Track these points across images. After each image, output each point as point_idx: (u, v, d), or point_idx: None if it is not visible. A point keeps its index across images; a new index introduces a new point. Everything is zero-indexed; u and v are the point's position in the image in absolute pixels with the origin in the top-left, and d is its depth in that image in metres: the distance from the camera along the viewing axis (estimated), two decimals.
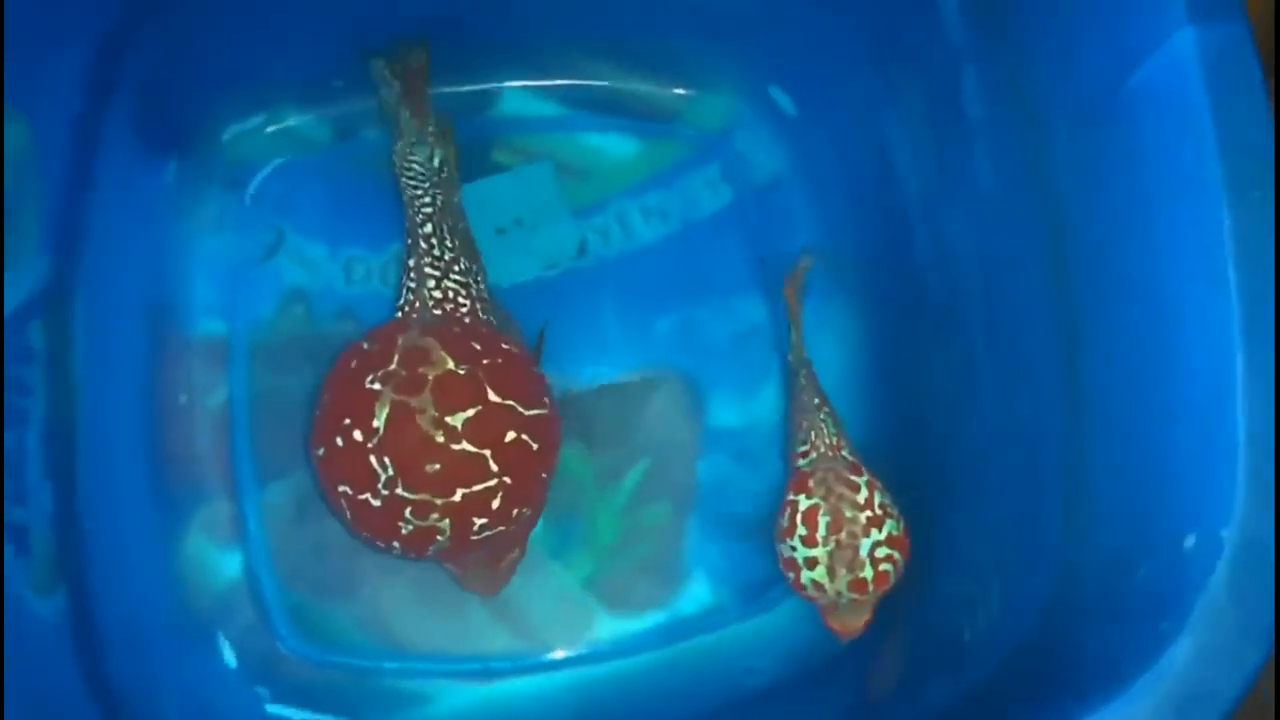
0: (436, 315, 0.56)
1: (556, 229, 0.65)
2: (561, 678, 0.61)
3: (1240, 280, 0.37)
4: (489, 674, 0.61)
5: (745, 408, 0.64)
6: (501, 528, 0.54)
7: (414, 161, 0.60)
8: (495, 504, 0.53)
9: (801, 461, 0.57)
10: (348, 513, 0.54)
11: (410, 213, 0.59)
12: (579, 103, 0.67)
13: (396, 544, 0.54)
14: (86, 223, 0.56)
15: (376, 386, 0.52)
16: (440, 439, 0.52)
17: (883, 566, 0.53)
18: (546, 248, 0.65)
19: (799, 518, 0.54)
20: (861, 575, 0.53)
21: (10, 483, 0.49)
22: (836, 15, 0.60)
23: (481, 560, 0.57)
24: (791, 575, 0.55)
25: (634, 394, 0.64)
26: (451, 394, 0.52)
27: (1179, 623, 0.35)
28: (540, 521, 0.61)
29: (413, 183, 0.60)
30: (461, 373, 0.53)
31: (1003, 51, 0.50)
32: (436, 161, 0.61)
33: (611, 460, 0.63)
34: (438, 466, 0.52)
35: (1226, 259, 0.37)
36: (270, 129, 0.65)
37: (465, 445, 0.52)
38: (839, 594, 0.53)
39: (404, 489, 0.52)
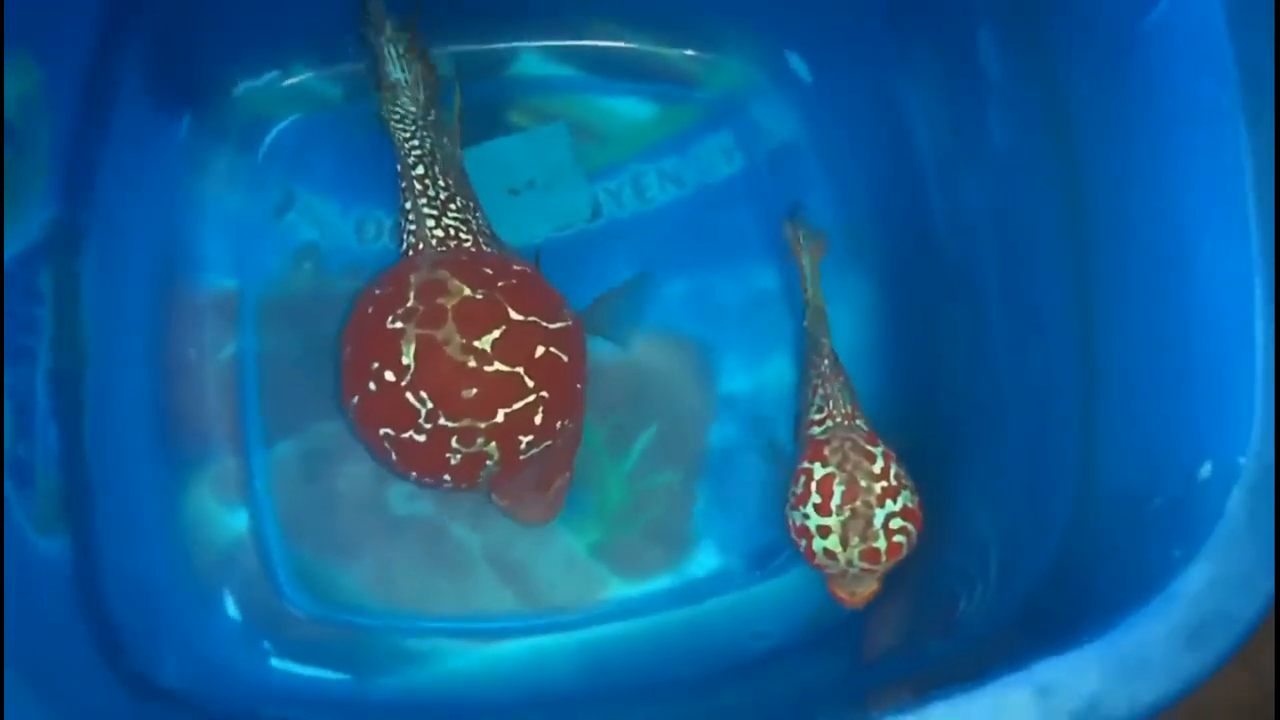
0: (443, 251, 0.56)
1: (570, 191, 0.65)
2: (567, 640, 0.61)
3: (1259, 206, 0.36)
4: (494, 635, 0.61)
5: (756, 374, 0.63)
6: (548, 442, 0.54)
7: (400, 104, 0.60)
8: (538, 419, 0.53)
9: (816, 429, 0.57)
10: (393, 454, 0.53)
11: (401, 154, 0.59)
12: (595, 65, 0.66)
13: (447, 476, 0.54)
14: (98, 171, 0.56)
15: (399, 325, 0.52)
16: (472, 364, 0.52)
17: (896, 538, 0.52)
18: (559, 209, 0.65)
19: (814, 486, 0.53)
20: (875, 545, 0.52)
21: (15, 418, 0.49)
22: None
23: (531, 486, 0.57)
24: (803, 543, 0.54)
25: (644, 359, 0.63)
26: (474, 319, 0.52)
27: (1193, 549, 0.34)
28: None
29: (400, 125, 0.60)
30: (479, 297, 0.53)
31: (1019, 3, 0.50)
32: (422, 101, 0.60)
33: (621, 425, 0.62)
34: (475, 391, 0.52)
35: (1245, 185, 0.36)
36: (284, 84, 0.65)
37: (498, 366, 0.52)
38: (850, 563, 0.53)
39: (446, 419, 0.52)
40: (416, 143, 0.59)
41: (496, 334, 0.52)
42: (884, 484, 0.52)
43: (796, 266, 0.62)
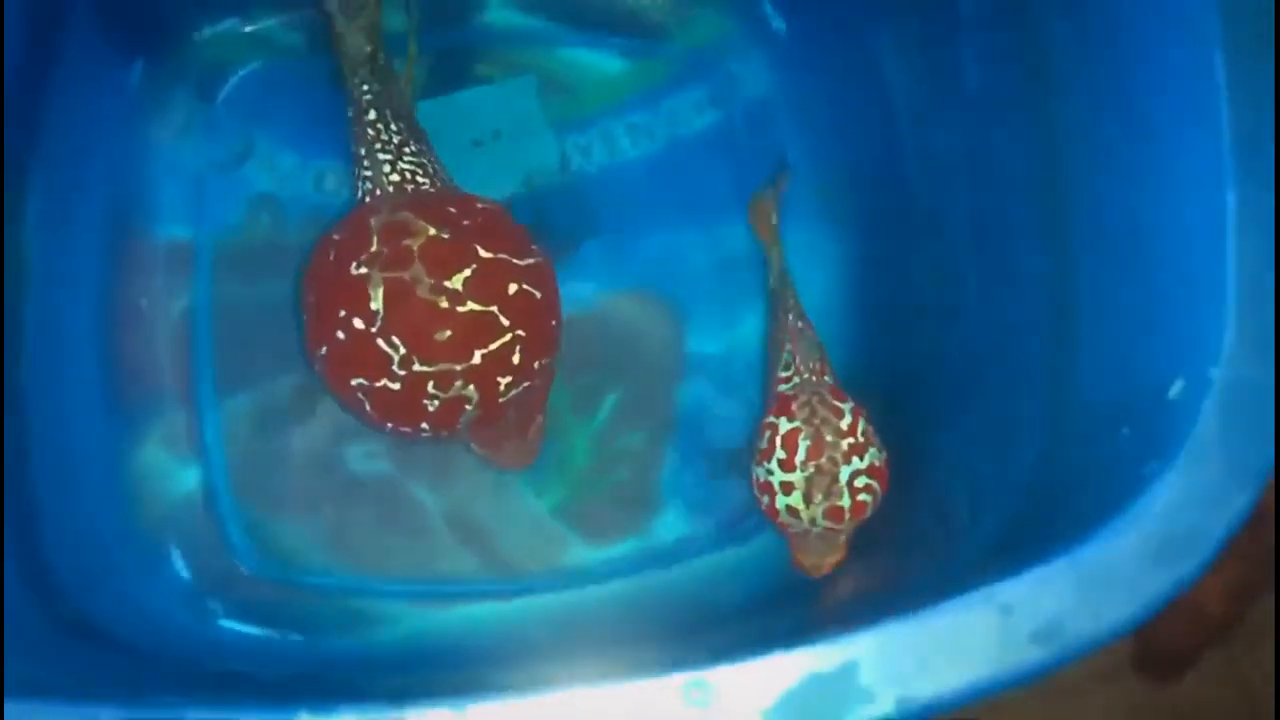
0: (394, 193, 0.54)
1: (536, 143, 0.64)
2: (528, 604, 0.59)
3: (1232, 112, 0.35)
4: (453, 598, 0.59)
5: (726, 335, 0.62)
6: (527, 383, 0.53)
7: (349, 49, 0.58)
8: (515, 359, 0.51)
9: (784, 386, 0.55)
10: (367, 404, 0.52)
11: (353, 99, 0.57)
12: (566, 17, 0.65)
13: (425, 425, 0.52)
14: (43, 114, 0.55)
15: (363, 271, 0.50)
16: (444, 305, 0.50)
17: (861, 496, 0.50)
18: (526, 162, 0.63)
19: (779, 440, 0.51)
20: (839, 504, 0.50)
21: None
22: None
23: (510, 433, 0.55)
24: (766, 499, 0.52)
25: (613, 317, 0.61)
26: (442, 259, 0.50)
27: (1164, 464, 0.33)
28: None
29: (350, 70, 0.58)
30: (446, 236, 0.51)
31: None
32: (371, 48, 0.58)
33: (587, 384, 0.61)
34: (449, 333, 0.50)
35: (1219, 94, 0.35)
36: (244, 31, 0.63)
37: (471, 305, 0.50)
38: (813, 521, 0.51)
39: (421, 364, 0.50)
40: (367, 87, 0.57)
41: (467, 273, 0.50)
42: (850, 440, 0.51)
43: (760, 222, 0.60)
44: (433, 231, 0.51)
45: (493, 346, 0.51)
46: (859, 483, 0.50)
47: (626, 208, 0.63)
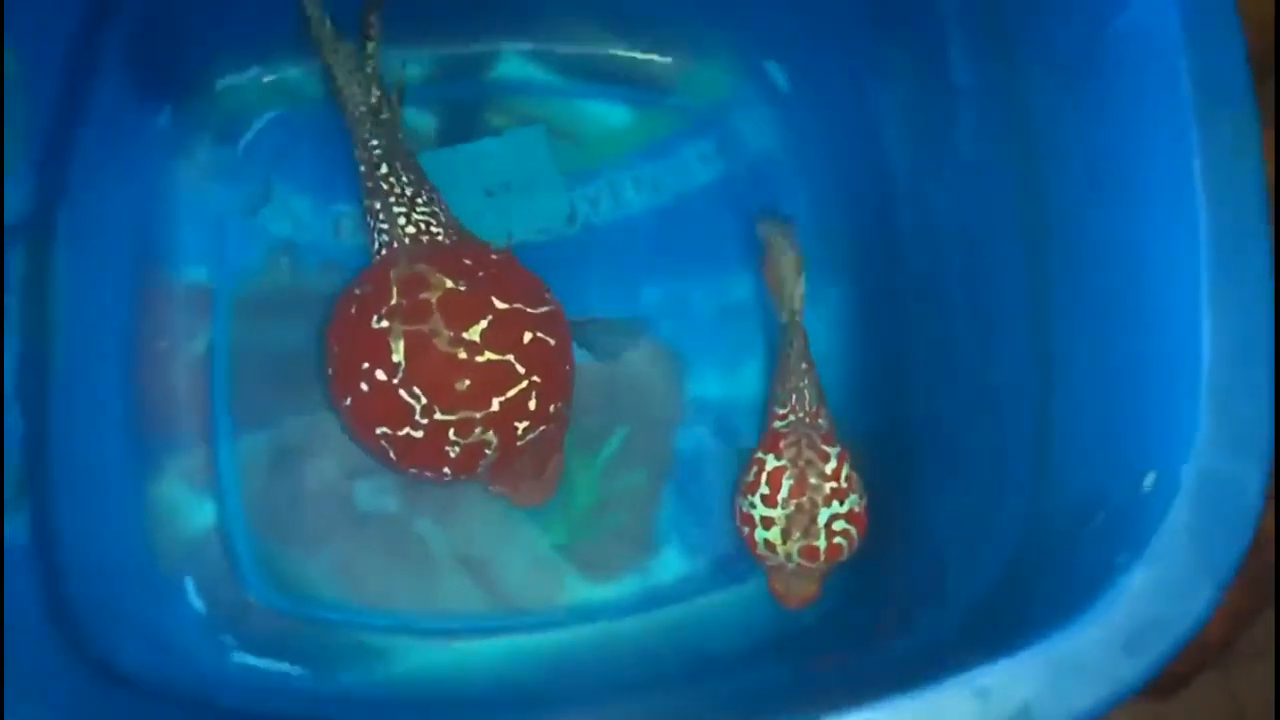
0: (417, 246, 0.56)
1: (546, 195, 0.65)
2: (530, 640, 0.61)
3: (1211, 220, 0.37)
4: (457, 634, 0.61)
5: (727, 382, 0.64)
6: (543, 426, 0.55)
7: (354, 105, 0.60)
8: (532, 404, 0.54)
9: (779, 423, 0.57)
10: (391, 452, 0.54)
11: (363, 154, 0.59)
12: (575, 69, 0.67)
13: (447, 469, 0.54)
14: (73, 158, 0.57)
15: (384, 324, 0.53)
16: (462, 356, 0.52)
17: (837, 540, 0.53)
18: (535, 213, 0.65)
19: (764, 476, 0.54)
20: (815, 544, 0.53)
21: None
22: None
23: (526, 473, 0.57)
24: (746, 530, 0.55)
25: (618, 362, 0.63)
26: (459, 311, 0.53)
27: (1134, 555, 0.35)
28: None
29: (354, 123, 0.60)
30: (462, 289, 0.53)
31: (991, 14, 0.50)
32: (374, 101, 0.60)
33: (592, 426, 0.63)
34: (468, 383, 0.52)
35: (1195, 187, 0.37)
36: (267, 80, 0.65)
37: (488, 355, 0.52)
38: (789, 557, 0.54)
39: (441, 413, 0.52)
40: (376, 142, 0.59)
41: (484, 324, 0.53)
42: (833, 485, 0.53)
43: (766, 263, 0.62)
44: (450, 284, 0.53)
45: (510, 394, 0.53)
46: (837, 525, 0.53)
47: (632, 257, 0.65)
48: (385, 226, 0.57)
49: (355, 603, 0.60)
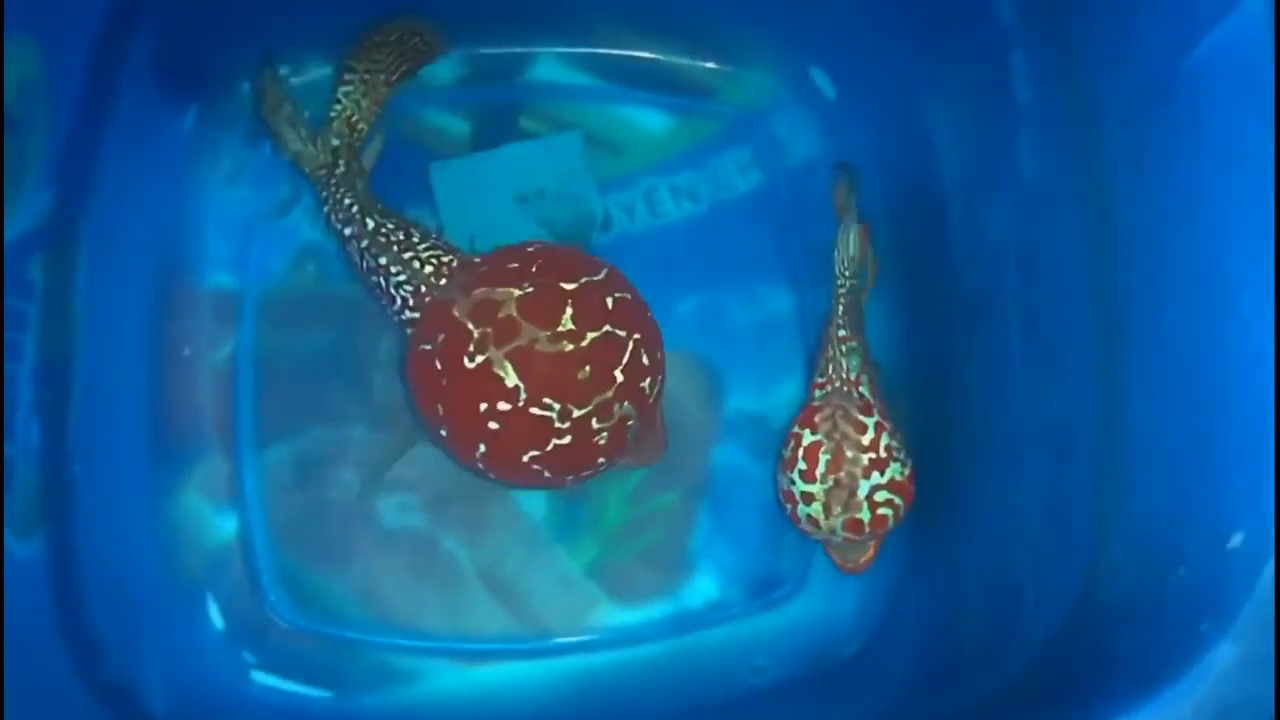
0: (446, 283, 0.55)
1: (581, 202, 0.64)
2: (558, 664, 0.59)
3: None
4: (483, 656, 0.59)
5: (764, 398, 0.62)
6: (660, 375, 0.54)
7: (318, 172, 0.59)
8: (645, 360, 0.53)
9: (817, 393, 0.56)
10: (546, 471, 0.53)
11: (345, 216, 0.58)
12: (613, 74, 0.65)
13: (602, 459, 0.54)
14: (97, 161, 0.55)
15: (481, 359, 0.51)
16: (569, 348, 0.51)
17: (881, 510, 0.52)
18: (569, 220, 0.63)
19: (800, 452, 0.54)
20: (858, 516, 0.52)
21: None
22: None
23: (641, 433, 0.56)
24: (789, 507, 0.54)
25: None
26: (540, 310, 0.51)
27: (1222, 625, 0.33)
28: (544, 504, 0.60)
29: (334, 192, 0.59)
30: (530, 290, 0.52)
31: (1055, 32, 0.48)
32: (329, 158, 0.59)
33: None
34: (587, 369, 0.51)
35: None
36: (294, 80, 0.63)
37: (589, 335, 0.51)
38: (833, 531, 0.53)
39: (579, 409, 0.51)
40: (350, 199, 0.58)
41: (569, 310, 0.52)
42: (871, 455, 0.52)
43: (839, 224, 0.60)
44: (517, 292, 0.52)
45: (625, 360, 0.52)
46: (879, 497, 0.52)
47: (667, 267, 0.63)
48: (404, 277, 0.55)
49: (379, 622, 0.59)
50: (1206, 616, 0.33)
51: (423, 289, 0.55)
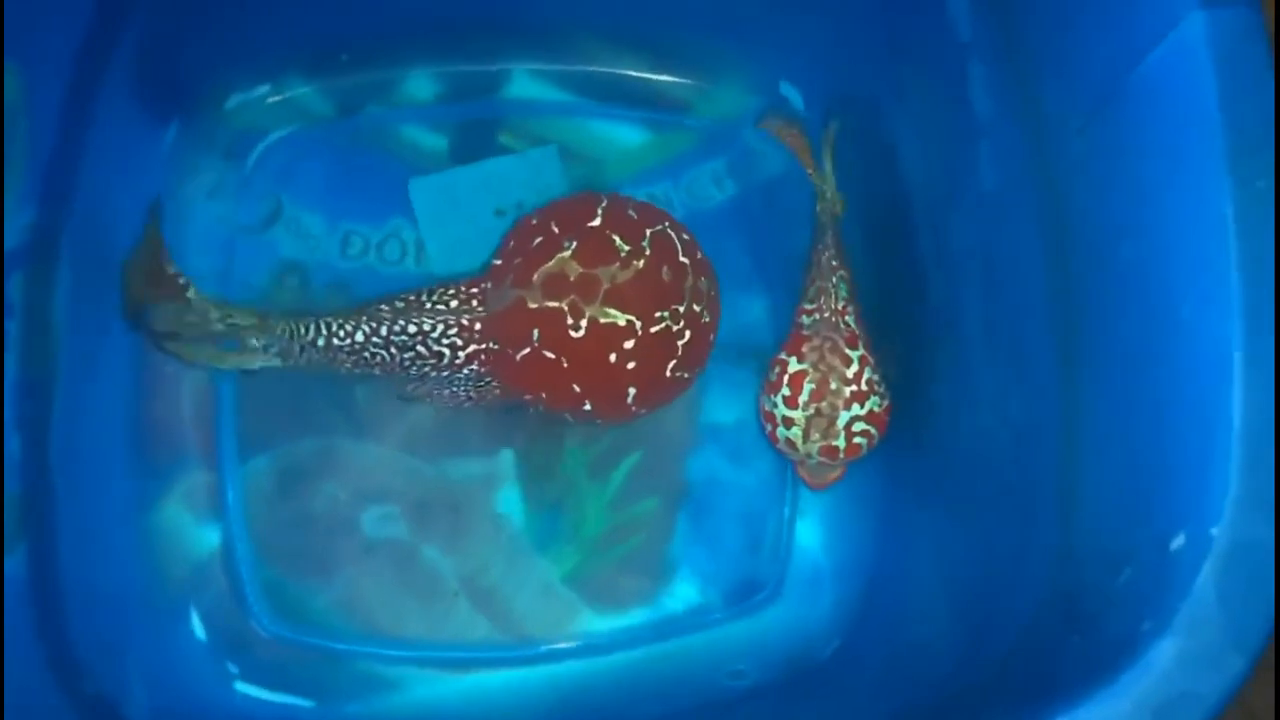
0: (483, 301, 0.56)
1: None
2: (540, 672, 0.60)
3: (1243, 274, 0.35)
4: (465, 664, 0.60)
5: (740, 405, 0.62)
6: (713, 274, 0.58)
7: (278, 349, 0.58)
8: (685, 236, 0.57)
9: (805, 319, 0.57)
10: (685, 374, 0.56)
11: (338, 343, 0.57)
12: (589, 89, 0.66)
13: (712, 336, 0.58)
14: (78, 178, 0.56)
15: (585, 321, 0.54)
16: (641, 264, 0.55)
17: (856, 439, 0.54)
18: None
19: (786, 378, 0.55)
20: (834, 444, 0.54)
21: None
22: (850, 10, 0.59)
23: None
24: (768, 427, 0.56)
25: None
26: (597, 253, 0.54)
27: (1161, 623, 0.33)
28: (524, 512, 0.61)
29: (298, 340, 0.57)
30: (574, 244, 0.55)
31: (1010, 45, 0.49)
32: (263, 344, 0.58)
33: (602, 452, 0.62)
34: (665, 269, 0.55)
35: (1229, 252, 0.36)
36: (275, 99, 0.64)
37: (644, 245, 0.55)
38: (809, 455, 0.55)
39: (682, 304, 0.55)
40: (321, 328, 0.57)
41: (616, 238, 0.55)
42: (854, 388, 0.54)
43: (796, 157, 0.62)
44: (567, 254, 0.55)
45: (679, 245, 0.56)
46: (856, 427, 0.54)
47: None
48: (441, 328, 0.57)
49: (362, 632, 0.60)
50: (1148, 615, 0.34)
51: (464, 320, 0.56)
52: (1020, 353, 0.49)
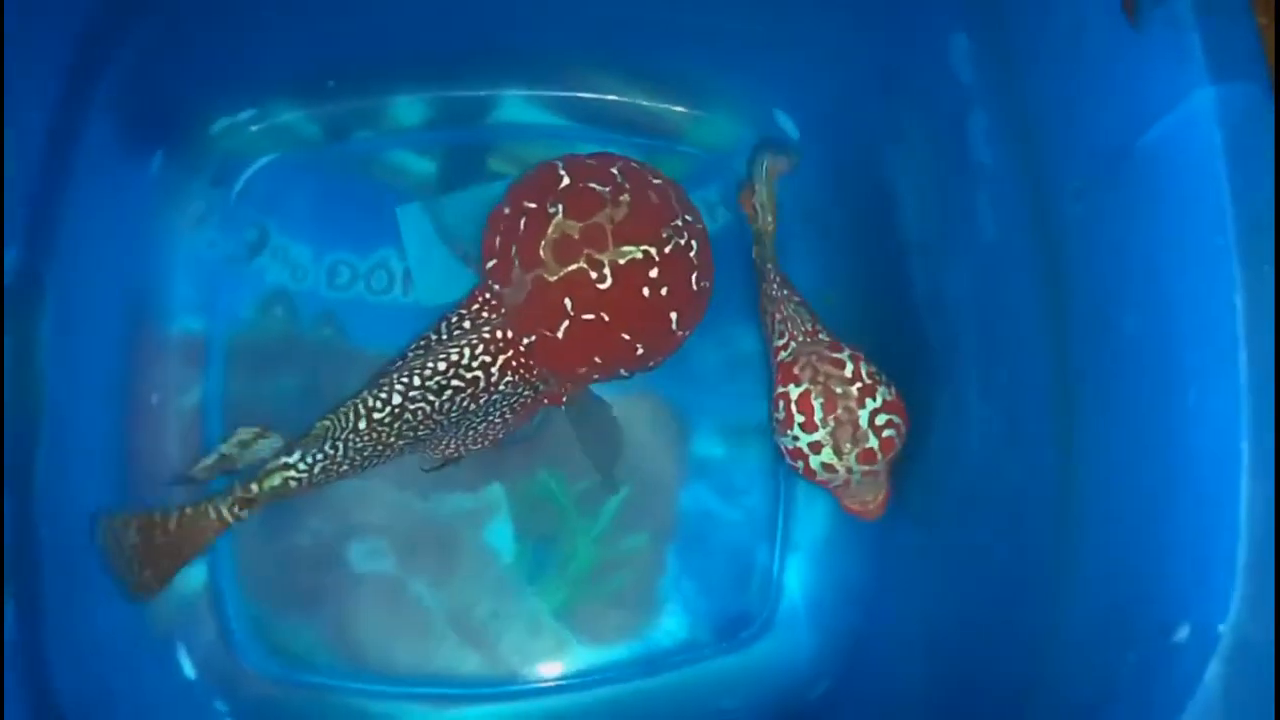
0: (495, 311, 0.56)
1: None
2: (529, 706, 0.60)
3: (1250, 365, 0.35)
4: (455, 699, 0.60)
5: (731, 440, 0.62)
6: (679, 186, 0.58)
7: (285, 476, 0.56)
8: (648, 165, 0.57)
9: (783, 354, 0.57)
10: (707, 282, 0.57)
11: (378, 417, 0.56)
12: (580, 115, 0.65)
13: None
14: (62, 212, 0.55)
15: (608, 271, 0.53)
16: (627, 198, 0.54)
17: (886, 433, 0.53)
18: None
19: (794, 407, 0.54)
20: (868, 446, 0.53)
21: None
22: (846, 44, 0.59)
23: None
24: (800, 464, 0.54)
25: (620, 419, 0.62)
26: (582, 206, 0.54)
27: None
28: (513, 547, 0.61)
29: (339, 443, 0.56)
30: (559, 206, 0.54)
31: (1012, 98, 0.49)
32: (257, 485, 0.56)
33: (592, 486, 0.61)
34: (651, 195, 0.55)
35: (1237, 342, 0.35)
36: (260, 125, 0.63)
37: (622, 181, 0.55)
38: (850, 470, 0.53)
39: (682, 219, 0.55)
40: (350, 419, 0.56)
41: (593, 185, 0.54)
42: (859, 384, 0.53)
43: (750, 196, 0.61)
44: (558, 217, 0.54)
45: (649, 172, 0.57)
46: (879, 420, 0.53)
47: None
48: (467, 351, 0.55)
49: (351, 668, 0.59)
50: (1155, 710, 0.34)
51: (486, 333, 0.55)
52: (1017, 413, 0.49)
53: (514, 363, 0.56)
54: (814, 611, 0.60)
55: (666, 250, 0.54)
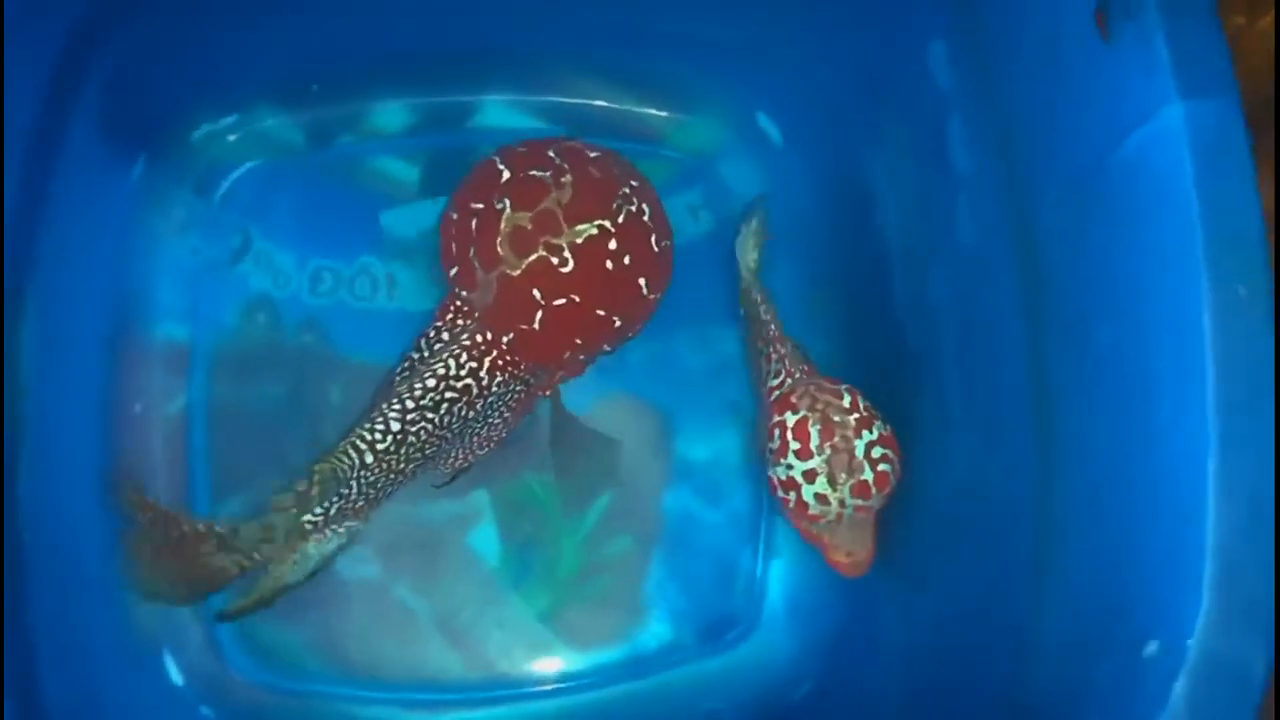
0: (470, 318, 0.56)
1: None
2: (515, 710, 0.60)
3: (1217, 384, 0.35)
4: (441, 704, 0.60)
5: (715, 442, 0.63)
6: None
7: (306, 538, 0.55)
8: (617, 170, 0.58)
9: (778, 391, 0.56)
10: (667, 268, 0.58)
11: (380, 457, 0.55)
12: (562, 118, 0.65)
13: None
14: (43, 219, 0.55)
15: (568, 254, 0.54)
16: (567, 179, 0.55)
17: (881, 466, 0.52)
18: None
19: (789, 434, 0.52)
20: (863, 478, 0.51)
21: None
22: (827, 49, 0.59)
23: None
24: (791, 496, 0.53)
25: (604, 422, 0.62)
26: (525, 194, 0.55)
27: None
28: (498, 551, 0.61)
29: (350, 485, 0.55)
30: (505, 197, 0.55)
31: (991, 106, 0.49)
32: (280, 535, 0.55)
33: (577, 489, 0.62)
34: (593, 171, 0.56)
35: (1205, 361, 0.35)
36: (243, 131, 0.63)
37: (563, 161, 0.56)
38: (843, 503, 0.52)
39: (631, 186, 0.57)
40: (354, 456, 0.55)
41: (534, 171, 0.56)
42: (857, 415, 0.52)
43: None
44: (506, 212, 0.55)
45: (589, 150, 0.58)
46: (875, 453, 0.52)
47: None
48: (452, 364, 0.55)
49: (337, 674, 0.60)
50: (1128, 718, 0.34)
51: (465, 340, 0.55)
52: (997, 417, 0.49)
53: (500, 362, 0.56)
54: (796, 614, 0.61)
55: (620, 220, 0.55)
